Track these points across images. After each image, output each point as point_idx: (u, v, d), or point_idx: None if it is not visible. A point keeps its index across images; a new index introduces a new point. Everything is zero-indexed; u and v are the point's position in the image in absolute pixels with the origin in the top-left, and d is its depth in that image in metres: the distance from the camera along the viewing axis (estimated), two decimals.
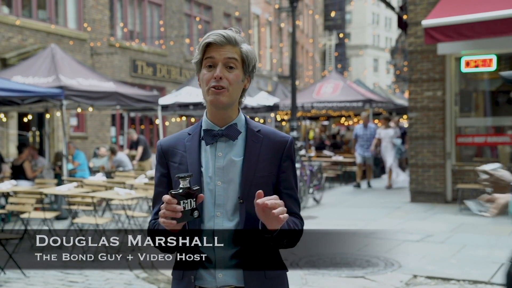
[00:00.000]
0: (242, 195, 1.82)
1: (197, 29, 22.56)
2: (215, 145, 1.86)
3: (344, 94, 15.18)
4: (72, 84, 9.71)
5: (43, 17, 15.41)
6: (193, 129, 1.93)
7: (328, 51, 44.96)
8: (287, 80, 28.13)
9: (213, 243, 1.80)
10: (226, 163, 1.84)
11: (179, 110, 14.79)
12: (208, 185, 1.84)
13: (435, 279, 5.37)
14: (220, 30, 1.85)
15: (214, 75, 1.81)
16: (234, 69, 1.84)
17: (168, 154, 1.91)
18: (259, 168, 1.84)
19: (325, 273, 5.59)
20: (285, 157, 1.89)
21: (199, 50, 1.85)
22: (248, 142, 1.87)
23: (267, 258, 1.85)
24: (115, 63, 17.74)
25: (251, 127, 1.91)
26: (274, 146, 1.88)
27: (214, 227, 1.82)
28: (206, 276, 1.82)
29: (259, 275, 1.83)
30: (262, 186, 1.82)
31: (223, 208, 1.83)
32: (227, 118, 1.87)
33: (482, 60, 9.86)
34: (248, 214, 1.81)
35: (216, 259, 1.81)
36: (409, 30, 10.78)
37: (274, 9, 29.91)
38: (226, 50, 1.82)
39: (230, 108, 1.87)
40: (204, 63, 1.84)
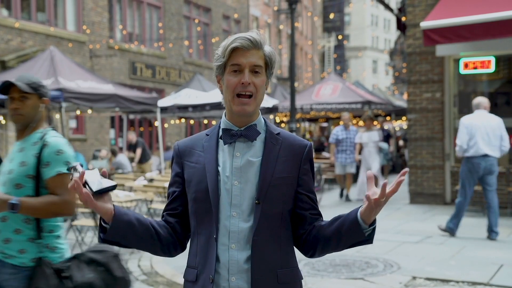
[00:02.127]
0: (258, 196, 1.79)
1: (196, 31, 22.58)
2: (233, 145, 1.85)
3: (343, 95, 15.19)
4: (71, 87, 9.72)
5: (42, 19, 15.42)
6: (212, 130, 1.92)
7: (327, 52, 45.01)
8: (286, 82, 28.16)
9: (229, 243, 1.78)
10: (243, 163, 1.82)
11: (178, 112, 14.79)
12: (225, 185, 1.81)
13: (435, 280, 5.38)
14: (245, 34, 1.82)
15: (242, 81, 1.79)
16: (260, 74, 1.83)
17: (185, 154, 1.90)
18: (277, 170, 1.82)
19: (324, 275, 5.59)
20: (305, 160, 1.88)
21: (224, 54, 1.82)
22: (267, 144, 1.86)
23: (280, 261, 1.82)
24: (114, 65, 17.75)
25: (270, 130, 1.89)
26: (293, 150, 1.87)
27: (230, 227, 1.79)
28: (220, 279, 1.79)
29: (271, 279, 1.79)
30: (279, 188, 1.81)
31: (239, 208, 1.80)
32: (247, 121, 1.86)
33: (481, 61, 9.89)
34: (263, 215, 1.78)
35: (230, 262, 1.78)
36: (408, 32, 10.80)
37: (273, 11, 29.95)
38: (252, 54, 1.81)
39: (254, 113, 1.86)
40: (230, 69, 1.81)
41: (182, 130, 21.22)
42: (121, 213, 1.77)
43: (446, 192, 10.22)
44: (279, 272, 1.81)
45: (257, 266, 1.77)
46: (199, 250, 1.83)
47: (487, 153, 7.20)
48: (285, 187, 1.82)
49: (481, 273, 5.50)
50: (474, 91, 10.80)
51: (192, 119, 17.68)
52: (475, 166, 7.24)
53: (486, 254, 6.32)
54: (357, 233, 1.77)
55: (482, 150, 7.20)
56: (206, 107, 13.65)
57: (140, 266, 6.29)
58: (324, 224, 1.86)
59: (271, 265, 1.80)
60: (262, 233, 1.78)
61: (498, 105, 10.50)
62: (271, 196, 1.80)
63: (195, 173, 1.85)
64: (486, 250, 6.51)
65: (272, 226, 1.81)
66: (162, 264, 6.21)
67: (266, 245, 1.79)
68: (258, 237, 1.78)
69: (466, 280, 5.31)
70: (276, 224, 1.82)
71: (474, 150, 7.23)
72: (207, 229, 1.81)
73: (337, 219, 1.83)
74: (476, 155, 7.22)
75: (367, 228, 1.76)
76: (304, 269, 5.78)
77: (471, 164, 7.27)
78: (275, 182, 1.81)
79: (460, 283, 5.28)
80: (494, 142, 7.27)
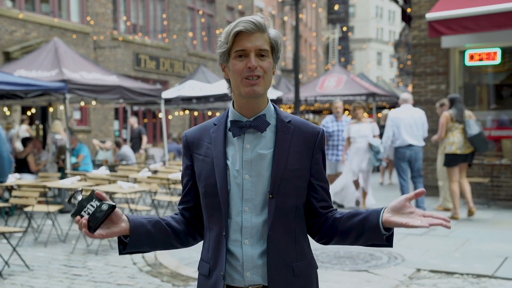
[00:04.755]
0: (272, 190, 1.73)
1: (200, 23, 22.51)
2: (242, 137, 1.78)
3: (347, 87, 15.13)
4: (75, 78, 9.71)
5: (46, 10, 15.40)
6: (219, 119, 1.85)
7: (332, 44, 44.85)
8: (291, 74, 28.09)
9: (241, 239, 1.75)
10: (254, 156, 1.76)
11: (182, 103, 14.78)
12: (236, 179, 1.76)
13: (439, 273, 5.37)
14: (248, 17, 1.75)
15: (249, 65, 1.72)
16: (266, 57, 1.75)
17: (193, 145, 1.85)
18: (290, 162, 1.76)
19: (329, 267, 5.58)
20: (317, 149, 1.82)
21: (228, 39, 1.75)
22: (278, 134, 1.79)
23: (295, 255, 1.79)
24: (118, 56, 17.72)
25: (281, 118, 1.82)
26: (305, 138, 1.81)
27: (242, 222, 1.75)
28: (234, 274, 1.76)
29: (287, 273, 1.76)
30: (293, 180, 1.76)
31: (251, 203, 1.75)
32: (256, 108, 1.78)
33: (487, 53, 9.81)
34: (277, 209, 1.74)
35: (244, 258, 1.74)
36: (413, 24, 10.73)
37: (277, 3, 29.81)
38: (257, 38, 1.73)
39: (262, 97, 1.79)
40: (235, 54, 1.74)
41: (186, 121, 21.22)
42: (137, 225, 1.77)
43: None
44: (294, 266, 1.78)
45: (273, 262, 1.74)
46: (211, 245, 1.81)
47: (410, 143, 8.32)
48: (298, 179, 1.78)
49: (486, 266, 5.49)
50: (480, 83, 10.74)
51: (196, 111, 17.68)
52: (401, 155, 8.44)
53: (490, 247, 6.31)
54: (377, 237, 1.75)
55: (406, 140, 8.31)
56: (210, 98, 13.64)
57: (144, 257, 6.31)
58: (341, 216, 1.82)
59: (287, 259, 1.76)
60: (277, 228, 1.74)
61: (504, 97, 10.45)
62: (284, 190, 1.74)
63: (204, 167, 1.81)
64: (491, 243, 6.49)
65: (287, 220, 1.77)
66: (166, 255, 6.21)
67: (282, 240, 1.75)
68: (273, 232, 1.74)
69: (471, 273, 5.30)
70: (291, 218, 1.78)
71: (400, 141, 8.37)
72: (217, 225, 1.78)
73: (356, 215, 1.79)
74: (402, 145, 8.41)
75: (387, 234, 1.75)
76: None
77: (398, 153, 8.50)
78: (288, 175, 1.75)
79: (464, 275, 5.27)
80: (417, 133, 8.36)
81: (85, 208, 1.70)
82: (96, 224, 1.69)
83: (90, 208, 1.70)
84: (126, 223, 1.75)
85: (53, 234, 7.49)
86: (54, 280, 5.49)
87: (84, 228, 1.68)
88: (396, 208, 1.71)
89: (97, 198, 1.72)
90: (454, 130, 7.99)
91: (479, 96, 10.70)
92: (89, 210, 1.70)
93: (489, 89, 10.61)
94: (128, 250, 1.78)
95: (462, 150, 7.95)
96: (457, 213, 8.04)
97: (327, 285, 5.03)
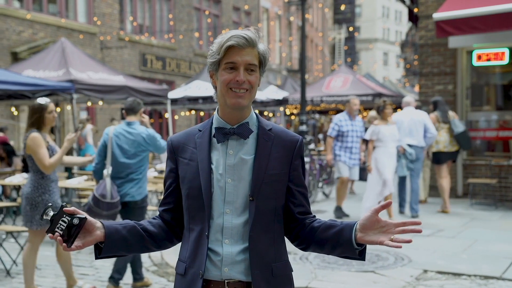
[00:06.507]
0: (252, 193, 1.83)
1: (206, 23, 22.54)
2: (226, 143, 1.88)
3: (353, 88, 15.09)
4: (82, 78, 9.74)
5: (54, 11, 15.46)
6: (204, 126, 1.94)
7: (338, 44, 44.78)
8: (297, 74, 28.06)
9: (222, 239, 1.83)
10: (236, 161, 1.86)
11: (188, 104, 14.80)
12: (219, 182, 1.85)
13: (446, 274, 5.35)
14: (240, 32, 1.84)
15: (237, 79, 1.81)
16: (254, 72, 1.85)
17: (178, 150, 1.93)
18: (270, 167, 1.86)
19: (335, 267, 5.57)
20: (296, 156, 1.91)
21: (219, 51, 1.84)
22: (259, 141, 1.88)
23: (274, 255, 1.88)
24: (124, 57, 17.77)
25: (262, 126, 1.92)
26: (285, 145, 1.91)
27: (223, 223, 1.84)
28: (212, 269, 1.84)
29: (266, 272, 1.85)
30: (272, 184, 1.86)
31: (232, 205, 1.84)
32: (240, 117, 1.88)
33: (494, 53, 9.77)
34: (257, 211, 1.83)
35: (224, 254, 1.83)
36: (420, 24, 10.69)
37: (283, 3, 29.79)
38: (247, 53, 1.83)
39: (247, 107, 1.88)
40: (224, 66, 1.84)
41: (192, 122, 21.25)
42: (112, 232, 1.85)
43: (457, 185, 10.15)
44: (273, 266, 1.87)
45: (254, 261, 1.83)
46: (190, 245, 1.89)
47: (410, 143, 8.33)
48: (277, 183, 1.87)
49: (493, 267, 5.46)
50: (487, 84, 10.69)
51: (202, 111, 17.68)
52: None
53: (498, 248, 6.27)
54: (350, 251, 1.85)
55: (405, 141, 8.33)
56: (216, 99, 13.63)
57: (151, 257, 6.32)
58: (318, 226, 1.91)
59: (267, 259, 1.85)
60: (257, 229, 1.83)
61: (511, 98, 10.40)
62: (264, 193, 1.84)
63: (189, 170, 1.88)
64: (498, 244, 6.46)
65: (266, 221, 1.86)
66: (173, 255, 6.22)
67: (261, 240, 1.84)
68: (254, 233, 1.83)
69: (478, 274, 5.27)
70: (270, 220, 1.87)
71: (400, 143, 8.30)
72: (199, 226, 1.86)
73: (331, 227, 1.88)
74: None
75: (359, 249, 1.84)
76: (314, 261, 5.77)
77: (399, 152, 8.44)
78: (268, 179, 1.84)
79: (472, 277, 5.24)
80: (416, 134, 8.30)
81: (58, 224, 1.76)
82: (70, 239, 1.77)
83: (62, 224, 1.77)
84: (101, 230, 1.84)
85: None
86: (61, 279, 5.51)
87: (61, 244, 1.76)
88: (366, 226, 1.81)
89: (67, 213, 1.78)
90: (440, 130, 8.67)
91: (487, 96, 10.65)
92: (62, 226, 1.76)
93: (497, 89, 10.56)
94: (103, 255, 1.87)
95: (448, 148, 8.67)
96: (447, 207, 8.63)
97: (334, 286, 5.02)
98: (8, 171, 9.95)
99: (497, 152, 10.27)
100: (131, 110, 5.17)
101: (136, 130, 5.09)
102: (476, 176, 9.83)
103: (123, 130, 5.09)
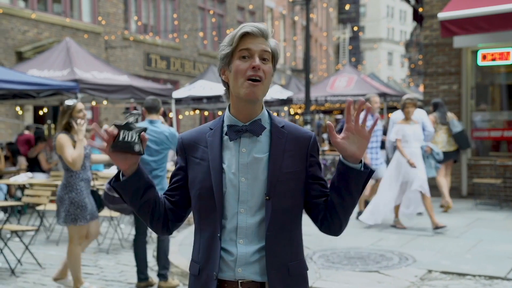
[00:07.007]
0: (268, 192, 1.79)
1: (211, 23, 22.55)
2: (238, 141, 1.84)
3: (358, 87, 15.06)
4: (86, 78, 9.76)
5: (58, 10, 15.50)
6: (215, 124, 1.90)
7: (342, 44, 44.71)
8: (301, 74, 28.04)
9: (236, 239, 1.80)
10: (250, 160, 1.82)
11: (192, 103, 14.80)
12: (232, 182, 1.81)
13: (450, 274, 5.33)
14: (252, 23, 1.83)
15: (253, 65, 1.78)
16: (268, 62, 1.82)
17: (189, 148, 1.90)
18: (285, 165, 1.82)
19: (339, 267, 5.56)
20: (311, 152, 1.88)
21: (233, 40, 1.82)
22: (273, 138, 1.84)
23: (290, 255, 1.85)
24: (129, 56, 17.80)
25: (275, 123, 1.88)
26: (298, 142, 1.87)
27: (238, 223, 1.80)
28: (225, 269, 1.81)
29: (283, 272, 1.82)
30: (288, 183, 1.82)
31: (246, 205, 1.81)
32: (252, 113, 1.84)
33: (499, 53, 9.74)
34: (274, 210, 1.79)
35: (238, 255, 1.80)
36: (425, 23, 10.67)
37: (288, 2, 29.78)
38: (261, 42, 1.81)
39: (259, 102, 1.84)
40: (239, 54, 1.81)
41: (197, 121, 21.26)
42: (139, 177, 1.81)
43: (462, 185, 10.12)
44: (290, 265, 1.84)
45: (271, 261, 1.79)
46: (202, 246, 1.86)
47: None
48: (293, 182, 1.83)
49: (498, 268, 5.44)
50: (492, 83, 10.66)
51: (207, 111, 17.69)
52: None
53: (502, 248, 6.25)
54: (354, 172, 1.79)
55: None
56: (220, 98, 13.64)
57: (155, 257, 6.32)
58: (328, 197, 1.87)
59: (283, 259, 1.82)
60: (274, 228, 1.80)
61: None
62: (280, 192, 1.80)
63: (200, 170, 1.85)
64: (503, 245, 6.44)
65: (283, 220, 1.82)
66: (177, 255, 6.23)
67: (278, 240, 1.81)
68: (271, 233, 1.79)
69: (483, 274, 5.25)
70: (287, 219, 1.83)
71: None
72: (211, 226, 1.83)
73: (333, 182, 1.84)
74: None
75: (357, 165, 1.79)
76: (318, 261, 5.76)
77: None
78: (283, 178, 1.81)
79: (476, 277, 5.23)
80: None
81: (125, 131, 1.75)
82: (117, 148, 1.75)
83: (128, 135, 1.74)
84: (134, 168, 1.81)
85: (65, 233, 7.54)
86: None
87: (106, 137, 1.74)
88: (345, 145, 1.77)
89: (139, 137, 1.76)
90: (439, 131, 8.79)
91: (492, 96, 10.62)
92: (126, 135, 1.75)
93: (502, 89, 10.53)
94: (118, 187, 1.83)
95: (447, 148, 8.75)
96: (448, 202, 8.65)
97: (337, 286, 5.01)
98: (13, 171, 9.99)
99: (502, 152, 10.23)
100: (153, 109, 5.25)
101: (159, 128, 5.18)
102: (481, 176, 9.80)
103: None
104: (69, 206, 4.78)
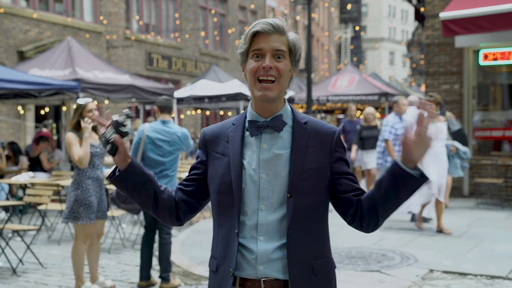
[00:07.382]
0: (290, 189, 1.76)
1: (213, 22, 22.54)
2: (260, 137, 1.81)
3: (359, 87, 15.07)
4: (88, 77, 9.77)
5: (60, 10, 15.51)
6: (238, 120, 1.89)
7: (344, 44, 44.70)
8: (303, 73, 28.03)
9: (257, 236, 1.77)
10: (271, 156, 1.79)
11: (194, 103, 14.80)
12: (252, 178, 1.78)
13: (452, 273, 5.33)
14: (267, 19, 1.79)
15: (263, 65, 1.75)
16: (283, 59, 1.79)
17: (210, 143, 1.89)
18: (307, 161, 1.78)
19: (341, 267, 5.57)
20: (335, 147, 1.83)
21: (246, 39, 1.80)
22: (295, 134, 1.81)
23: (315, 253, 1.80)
24: (130, 56, 17.80)
25: (297, 119, 1.85)
26: (322, 138, 1.83)
27: (258, 220, 1.77)
28: (247, 267, 1.78)
29: (307, 270, 1.77)
30: (311, 180, 1.78)
31: (267, 201, 1.78)
32: (273, 109, 1.82)
33: (501, 53, 9.73)
34: (296, 208, 1.76)
35: (258, 252, 1.76)
36: (426, 23, 10.66)
37: (289, 2, 29.77)
38: (274, 39, 1.77)
39: (278, 99, 1.82)
40: (251, 54, 1.79)
41: (198, 121, 21.26)
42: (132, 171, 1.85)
43: (464, 185, 10.11)
44: (314, 264, 1.79)
45: (293, 259, 1.75)
46: (220, 241, 1.84)
47: None
48: (316, 178, 1.79)
49: (499, 267, 5.44)
50: (494, 83, 10.65)
51: (208, 110, 17.69)
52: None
53: (504, 248, 6.25)
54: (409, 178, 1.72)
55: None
56: (222, 98, 13.65)
57: (157, 256, 6.32)
58: (371, 192, 1.80)
59: (307, 257, 1.78)
60: (296, 226, 1.76)
61: None
62: (302, 189, 1.76)
63: (220, 165, 1.83)
64: (504, 244, 6.43)
65: (306, 218, 1.78)
66: (179, 254, 6.23)
67: (301, 238, 1.77)
68: (293, 231, 1.76)
69: (484, 274, 5.25)
70: (310, 216, 1.79)
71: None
72: (229, 222, 1.80)
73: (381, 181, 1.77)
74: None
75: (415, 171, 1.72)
76: None
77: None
78: (306, 174, 1.77)
79: (478, 276, 5.22)
80: None
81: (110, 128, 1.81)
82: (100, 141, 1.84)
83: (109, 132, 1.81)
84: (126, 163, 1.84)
85: (66, 233, 7.54)
86: (67, 278, 5.53)
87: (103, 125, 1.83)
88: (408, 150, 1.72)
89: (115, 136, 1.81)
90: None
91: (493, 96, 10.61)
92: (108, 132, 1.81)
93: (503, 89, 10.52)
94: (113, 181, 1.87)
95: None
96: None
97: (339, 285, 4.99)
98: (14, 170, 10.00)
99: (503, 152, 10.23)
100: (166, 108, 5.24)
101: (171, 128, 5.18)
102: (482, 176, 9.79)
103: (159, 128, 5.13)
104: (73, 203, 4.78)
